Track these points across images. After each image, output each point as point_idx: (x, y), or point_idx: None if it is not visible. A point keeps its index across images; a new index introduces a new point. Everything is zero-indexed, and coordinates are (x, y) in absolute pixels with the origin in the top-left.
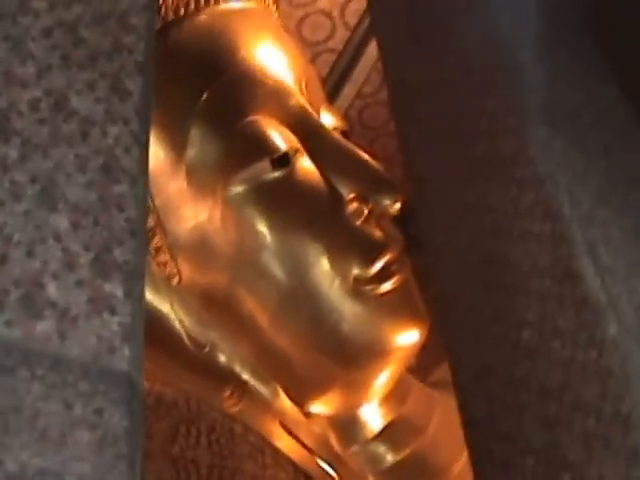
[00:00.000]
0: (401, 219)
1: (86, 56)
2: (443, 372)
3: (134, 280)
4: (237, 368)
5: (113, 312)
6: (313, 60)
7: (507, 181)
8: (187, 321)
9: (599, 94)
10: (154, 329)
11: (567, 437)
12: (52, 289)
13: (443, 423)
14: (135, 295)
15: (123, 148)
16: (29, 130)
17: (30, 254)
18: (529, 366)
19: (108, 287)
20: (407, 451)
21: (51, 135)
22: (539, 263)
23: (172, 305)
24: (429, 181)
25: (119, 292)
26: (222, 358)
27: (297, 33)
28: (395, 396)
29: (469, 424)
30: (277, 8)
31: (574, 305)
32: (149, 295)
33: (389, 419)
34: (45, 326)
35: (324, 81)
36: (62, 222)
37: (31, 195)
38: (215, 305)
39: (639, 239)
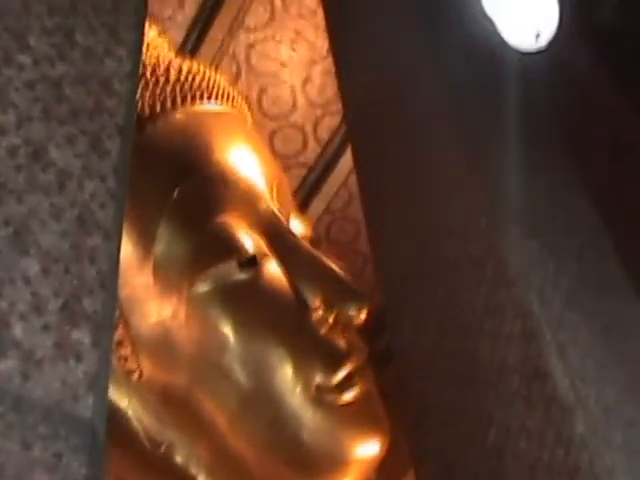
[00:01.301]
0: (369, 334)
1: (67, 112)
2: None
3: (102, 331)
4: (193, 469)
5: (79, 359)
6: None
7: (478, 279)
8: (144, 418)
9: (573, 201)
10: (110, 424)
11: None
12: (18, 330)
13: None
14: (103, 345)
15: (99, 203)
16: (5, 175)
17: None
18: (495, 465)
19: (76, 334)
20: None
21: (27, 182)
22: (509, 361)
23: (130, 401)
24: (400, 283)
25: (87, 340)
26: (178, 458)
27: (269, 145)
28: None
29: None
30: (251, 115)
31: (543, 403)
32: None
33: None
34: (8, 365)
35: (294, 195)
36: (33, 266)
37: (3, 237)
38: (174, 403)
39: (608, 341)
